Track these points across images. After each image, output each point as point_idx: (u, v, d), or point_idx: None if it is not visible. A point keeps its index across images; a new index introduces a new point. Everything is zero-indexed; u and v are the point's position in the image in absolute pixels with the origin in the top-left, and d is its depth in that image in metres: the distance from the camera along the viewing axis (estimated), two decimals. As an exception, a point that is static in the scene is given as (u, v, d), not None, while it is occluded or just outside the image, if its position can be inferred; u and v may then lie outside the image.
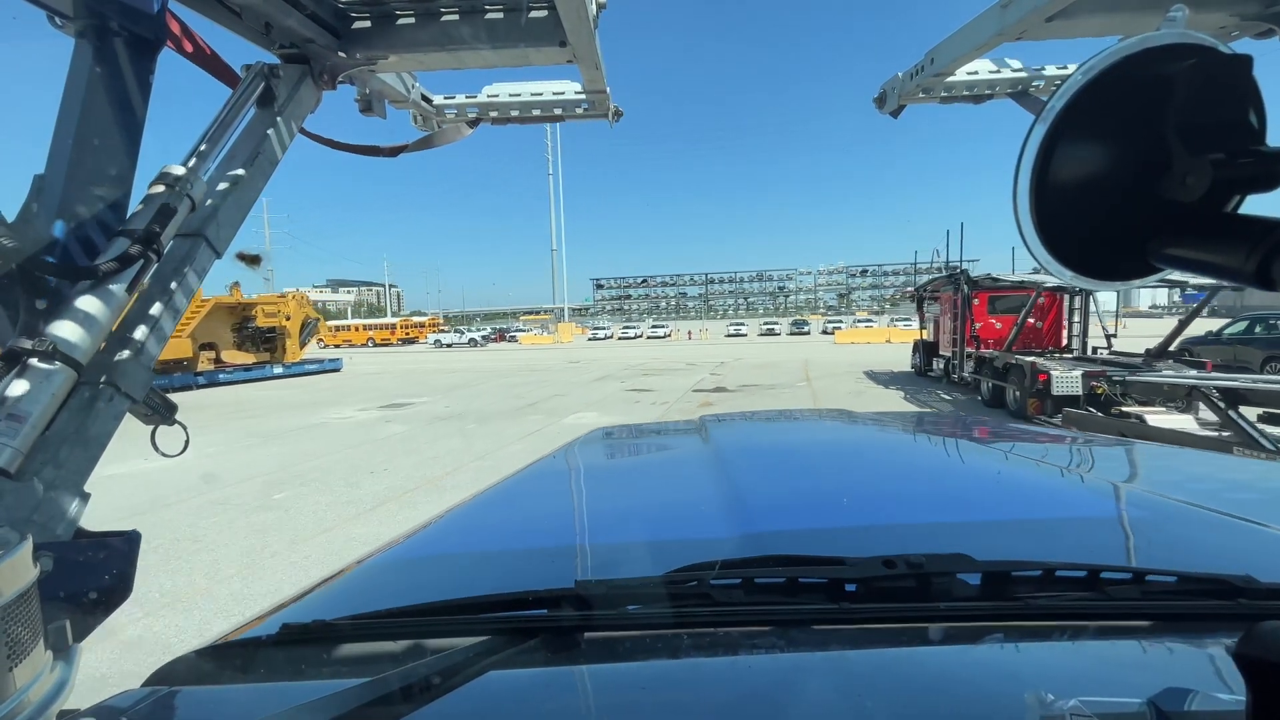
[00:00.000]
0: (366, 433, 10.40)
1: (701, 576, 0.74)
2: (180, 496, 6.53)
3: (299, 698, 0.58)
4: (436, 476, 7.13)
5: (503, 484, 1.53)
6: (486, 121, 3.39)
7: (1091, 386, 8.23)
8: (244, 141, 1.87)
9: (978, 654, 0.66)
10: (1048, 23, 2.38)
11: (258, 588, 4.22)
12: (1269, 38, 2.38)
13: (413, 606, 0.75)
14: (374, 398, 15.33)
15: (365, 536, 5.01)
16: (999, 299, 13.10)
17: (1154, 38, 0.47)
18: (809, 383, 15.64)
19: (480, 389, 16.67)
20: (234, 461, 8.21)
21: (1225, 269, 0.43)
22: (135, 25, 1.43)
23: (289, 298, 21.83)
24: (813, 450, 1.81)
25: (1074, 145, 0.50)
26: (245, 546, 5.00)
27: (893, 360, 20.06)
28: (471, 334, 54.75)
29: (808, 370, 18.82)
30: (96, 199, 1.39)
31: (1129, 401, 7.95)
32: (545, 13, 2.27)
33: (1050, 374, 8.55)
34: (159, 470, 6.93)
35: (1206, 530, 0.97)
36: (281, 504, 6.22)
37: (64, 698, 0.62)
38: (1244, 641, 0.39)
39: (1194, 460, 1.55)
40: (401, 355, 39.07)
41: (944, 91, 3.31)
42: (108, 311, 1.35)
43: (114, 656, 3.27)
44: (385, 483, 6.90)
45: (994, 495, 1.26)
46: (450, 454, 8.36)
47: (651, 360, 25.42)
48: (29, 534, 0.65)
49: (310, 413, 12.99)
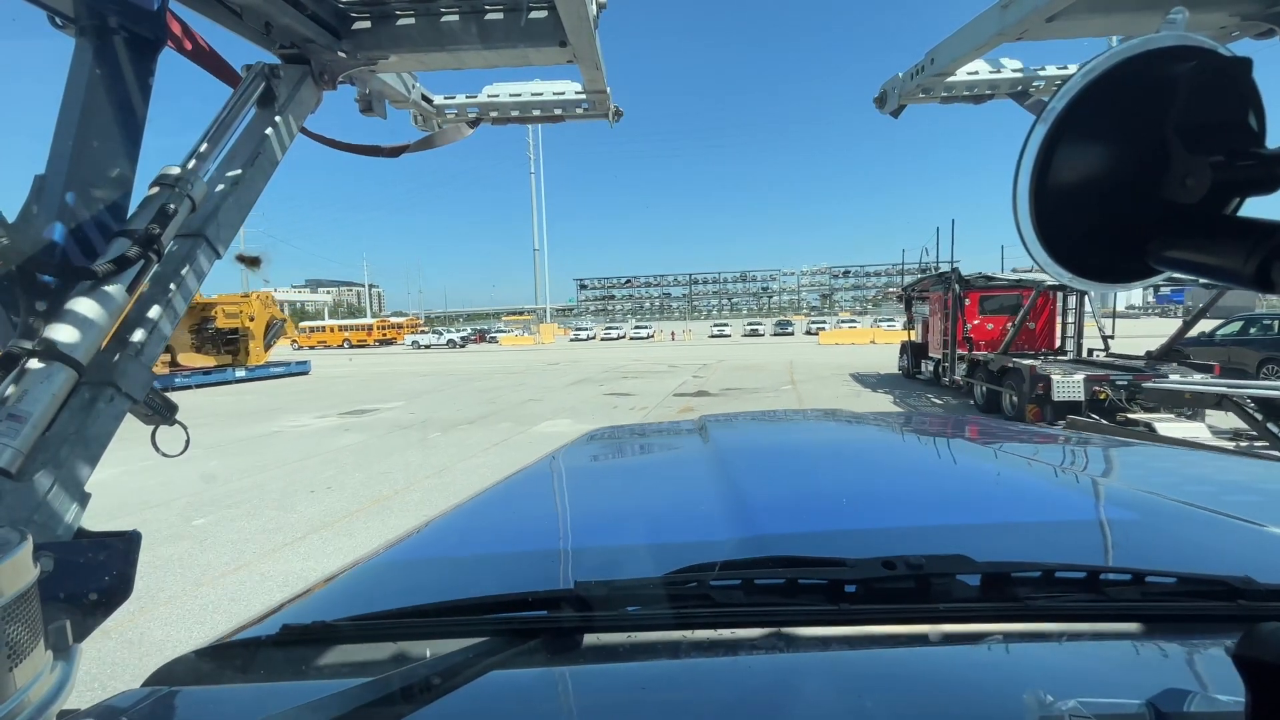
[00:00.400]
0: (318, 443, 9.54)
1: (701, 577, 0.75)
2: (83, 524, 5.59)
3: (299, 698, 0.58)
4: (384, 496, 6.37)
5: (503, 484, 1.53)
6: (487, 121, 3.39)
7: (1094, 391, 7.89)
8: (244, 142, 1.87)
9: (977, 655, 0.66)
10: (1048, 23, 2.38)
11: (123, 658, 3.28)
12: (1269, 38, 2.38)
13: (413, 607, 0.75)
14: (336, 403, 14.46)
15: (282, 575, 4.36)
16: (990, 299, 12.55)
17: (1154, 39, 0.47)
18: (794, 386, 15.20)
19: (450, 393, 15.89)
20: (158, 480, 7.00)
21: (1224, 271, 0.43)
22: (136, 25, 1.44)
23: (252, 297, 20.70)
24: (813, 451, 1.81)
25: (1074, 146, 0.50)
26: (138, 590, 3.94)
27: (879, 362, 19.68)
28: (451, 335, 53.18)
29: (792, 372, 18.39)
30: (97, 199, 1.39)
31: (1134, 408, 7.64)
32: (545, 13, 2.28)
33: (1051, 378, 8.14)
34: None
35: (1206, 531, 0.97)
36: (198, 532, 5.41)
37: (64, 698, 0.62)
38: (1243, 643, 0.39)
39: (1193, 461, 1.55)
40: (376, 357, 37.56)
41: (944, 92, 3.31)
42: (108, 312, 1.35)
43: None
44: (324, 504, 6.11)
45: (993, 496, 1.26)
46: (404, 469, 7.57)
47: (633, 362, 24.80)
48: (29, 534, 0.65)
49: (264, 420, 12.05)
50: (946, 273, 12.70)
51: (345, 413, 12.95)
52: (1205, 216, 0.46)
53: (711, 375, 18.58)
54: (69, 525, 1.25)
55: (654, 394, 14.56)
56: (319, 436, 10.22)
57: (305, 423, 11.78)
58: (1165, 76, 0.46)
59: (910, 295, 15.87)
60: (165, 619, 3.83)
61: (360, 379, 21.45)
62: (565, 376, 19.64)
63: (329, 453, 8.81)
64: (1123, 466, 1.50)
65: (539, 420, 11.13)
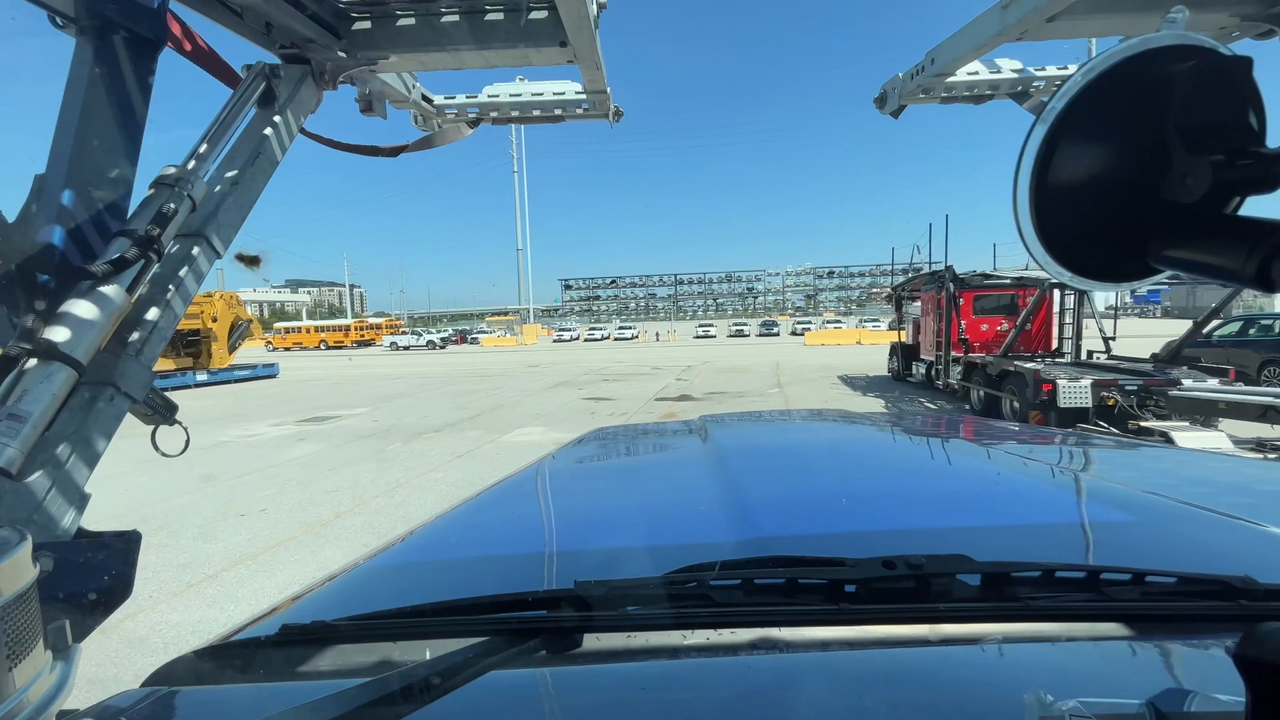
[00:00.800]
0: (266, 456, 8.67)
1: (701, 577, 0.75)
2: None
3: (299, 698, 0.58)
4: (322, 521, 5.60)
5: (502, 484, 1.53)
6: (487, 121, 3.39)
7: (1102, 397, 7.37)
8: (244, 141, 1.87)
9: (977, 655, 0.66)
10: (1048, 23, 2.38)
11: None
12: (1269, 38, 2.38)
13: (412, 607, 0.75)
14: (298, 409, 13.54)
15: (180, 626, 3.64)
16: (986, 298, 11.94)
17: (1154, 39, 0.47)
18: (781, 389, 14.63)
19: (421, 398, 15.14)
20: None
21: (1225, 270, 0.43)
22: (136, 25, 1.44)
23: (214, 297, 19.72)
24: (812, 451, 1.81)
25: (1074, 146, 0.50)
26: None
27: (867, 364, 19.32)
28: (430, 336, 50.22)
29: (779, 375, 17.92)
30: (96, 199, 1.39)
31: (1147, 415, 7.10)
32: (545, 13, 2.28)
33: (1056, 383, 7.60)
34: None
35: (1206, 531, 0.97)
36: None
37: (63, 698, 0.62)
38: (1243, 642, 0.39)
39: (1193, 461, 1.55)
40: (352, 359, 36.12)
41: (944, 92, 3.31)
42: (108, 312, 1.35)
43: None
44: (251, 531, 5.36)
45: (994, 496, 1.26)
46: (352, 486, 6.86)
47: (615, 364, 24.08)
48: (29, 534, 0.65)
49: (216, 429, 11.04)
50: (939, 271, 12.18)
51: (304, 420, 12.07)
52: (1205, 216, 0.46)
53: (695, 378, 18.07)
54: (68, 525, 1.25)
55: (635, 398, 14.00)
56: (269, 448, 9.32)
57: (258, 431, 10.87)
58: (1165, 76, 0.46)
59: (900, 294, 15.32)
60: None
61: (331, 382, 20.58)
62: (544, 379, 18.91)
63: (274, 467, 7.98)
64: (1122, 466, 1.50)
65: (510, 428, 10.42)
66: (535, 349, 41.13)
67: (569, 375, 20.11)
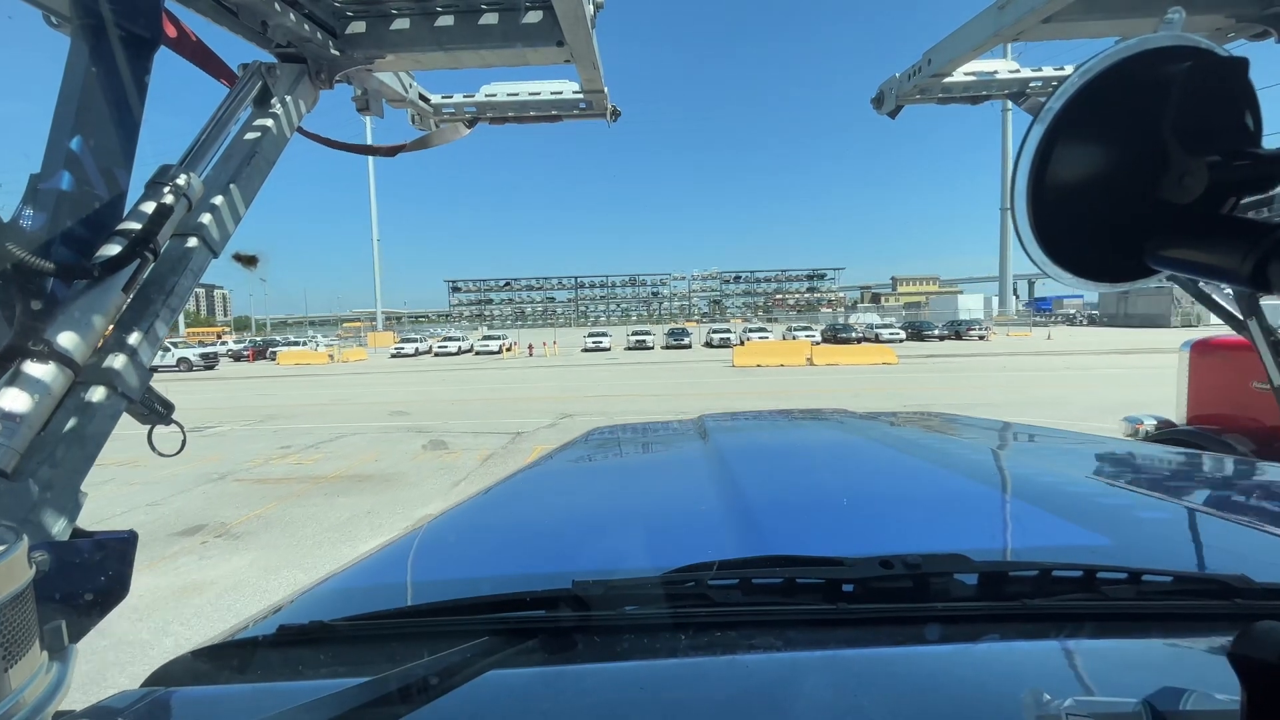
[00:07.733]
0: None
1: (699, 577, 0.75)
2: None
3: (297, 698, 0.57)
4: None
5: (502, 484, 1.53)
6: (484, 121, 3.39)
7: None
8: (241, 141, 1.86)
9: (974, 654, 0.66)
10: (1045, 24, 2.39)
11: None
12: (1264, 39, 2.39)
13: (410, 607, 0.75)
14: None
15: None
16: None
17: (1151, 39, 0.47)
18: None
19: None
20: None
21: (1221, 270, 0.43)
22: (132, 24, 1.43)
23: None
24: (811, 451, 1.81)
25: (1071, 146, 0.50)
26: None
27: (891, 403, 11.01)
28: (187, 351, 32.45)
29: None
30: (92, 199, 1.38)
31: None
32: (542, 13, 2.27)
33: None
34: None
35: (1203, 530, 0.98)
36: None
37: (60, 698, 0.61)
38: (1239, 641, 0.40)
39: (1192, 462, 1.56)
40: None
41: (941, 92, 3.32)
42: (104, 312, 1.34)
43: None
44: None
45: (992, 496, 1.27)
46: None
47: (394, 420, 12.30)
48: (24, 534, 0.65)
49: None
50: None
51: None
52: (1202, 216, 0.46)
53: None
54: (65, 525, 1.25)
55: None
56: None
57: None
58: (1162, 76, 0.46)
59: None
60: None
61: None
62: (174, 483, 7.54)
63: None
64: (1121, 466, 1.51)
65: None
66: (348, 369, 29.83)
67: (246, 461, 8.91)
